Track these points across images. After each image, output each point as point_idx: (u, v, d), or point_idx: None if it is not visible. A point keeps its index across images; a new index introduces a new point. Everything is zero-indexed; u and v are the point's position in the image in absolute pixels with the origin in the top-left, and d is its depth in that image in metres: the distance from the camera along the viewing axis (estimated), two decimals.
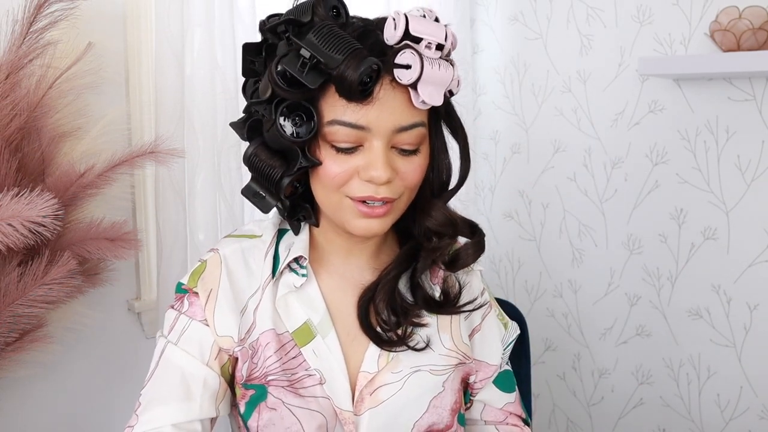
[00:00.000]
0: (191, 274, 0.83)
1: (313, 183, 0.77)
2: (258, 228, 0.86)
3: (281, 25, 0.71)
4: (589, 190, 1.74)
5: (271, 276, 0.81)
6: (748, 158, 1.47)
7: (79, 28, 1.06)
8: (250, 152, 0.76)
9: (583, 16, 1.71)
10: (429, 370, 0.83)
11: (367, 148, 0.73)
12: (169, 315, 0.83)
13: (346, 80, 0.68)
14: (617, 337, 1.73)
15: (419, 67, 0.70)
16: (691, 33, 1.53)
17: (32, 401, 1.21)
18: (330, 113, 0.72)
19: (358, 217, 0.75)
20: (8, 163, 0.98)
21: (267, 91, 0.72)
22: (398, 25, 0.71)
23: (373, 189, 0.73)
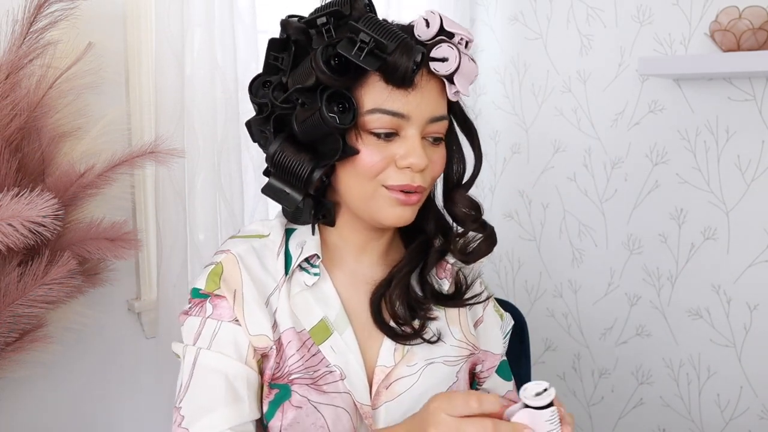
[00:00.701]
0: (208, 278, 0.81)
1: (345, 174, 0.77)
2: (264, 228, 0.86)
3: (322, 17, 0.73)
4: (589, 190, 1.74)
5: (284, 275, 0.81)
6: (748, 158, 1.47)
7: (79, 28, 1.06)
8: (275, 149, 0.76)
9: (583, 16, 1.71)
10: (443, 361, 0.86)
11: (402, 136, 0.76)
12: (191, 323, 0.80)
13: (399, 66, 0.72)
14: (617, 337, 1.73)
15: (457, 60, 0.74)
16: (691, 33, 1.53)
17: (32, 401, 1.21)
18: (370, 102, 0.74)
19: (393, 206, 0.77)
20: (8, 163, 0.98)
21: (309, 79, 0.73)
22: (432, 22, 0.75)
23: (410, 177, 0.76)
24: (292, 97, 0.75)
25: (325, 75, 0.72)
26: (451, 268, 0.90)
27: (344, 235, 0.84)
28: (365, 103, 0.74)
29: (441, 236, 0.89)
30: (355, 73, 0.74)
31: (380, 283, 0.85)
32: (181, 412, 0.76)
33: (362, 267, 0.86)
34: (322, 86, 0.73)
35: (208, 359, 0.77)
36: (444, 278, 0.90)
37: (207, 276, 0.81)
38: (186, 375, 0.77)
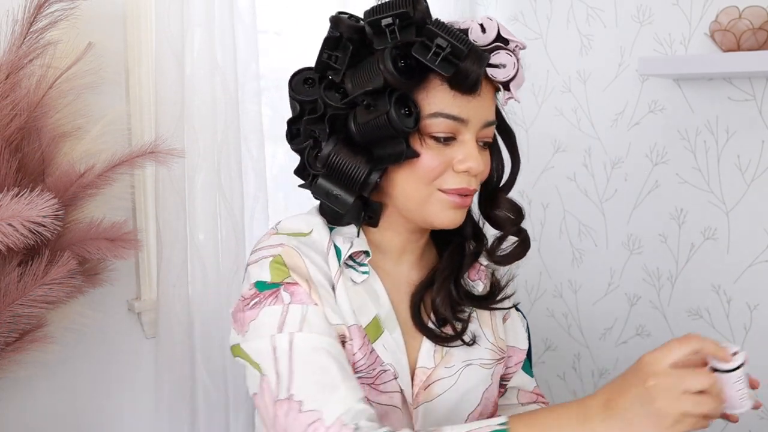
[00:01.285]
0: (273, 269, 0.76)
1: (400, 177, 0.77)
2: (304, 225, 0.83)
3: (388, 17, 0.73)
4: (589, 190, 1.74)
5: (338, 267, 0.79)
6: (748, 158, 1.47)
7: (79, 28, 1.06)
8: (329, 150, 0.75)
9: (583, 16, 1.71)
10: (479, 364, 0.87)
11: (460, 141, 0.77)
12: (269, 313, 0.74)
13: (471, 73, 0.73)
14: (617, 337, 1.72)
15: (516, 67, 0.75)
16: (691, 33, 1.53)
17: (32, 401, 1.21)
18: (433, 106, 0.75)
19: (449, 209, 0.78)
20: (8, 163, 0.98)
21: (375, 81, 0.72)
22: (489, 28, 0.76)
23: (467, 180, 0.77)
24: (357, 99, 0.74)
25: (394, 77, 0.72)
26: (485, 270, 0.92)
27: (386, 236, 0.84)
28: (427, 106, 0.75)
29: (473, 239, 0.90)
30: (418, 77, 0.74)
31: (420, 284, 0.86)
32: (295, 399, 0.69)
33: (401, 268, 0.86)
34: (390, 88, 0.73)
35: (306, 341, 0.72)
36: (477, 280, 0.91)
37: (268, 267, 0.76)
38: (284, 363, 0.71)
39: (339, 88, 0.76)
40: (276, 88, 1.49)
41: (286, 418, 0.68)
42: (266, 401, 0.71)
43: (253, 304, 0.75)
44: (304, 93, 0.79)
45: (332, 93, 0.76)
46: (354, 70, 0.76)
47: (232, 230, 1.32)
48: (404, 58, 0.73)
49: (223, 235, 1.33)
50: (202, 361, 1.32)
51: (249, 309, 0.75)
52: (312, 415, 0.67)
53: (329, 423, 0.66)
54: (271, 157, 1.49)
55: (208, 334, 1.32)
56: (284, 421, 0.68)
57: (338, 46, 0.77)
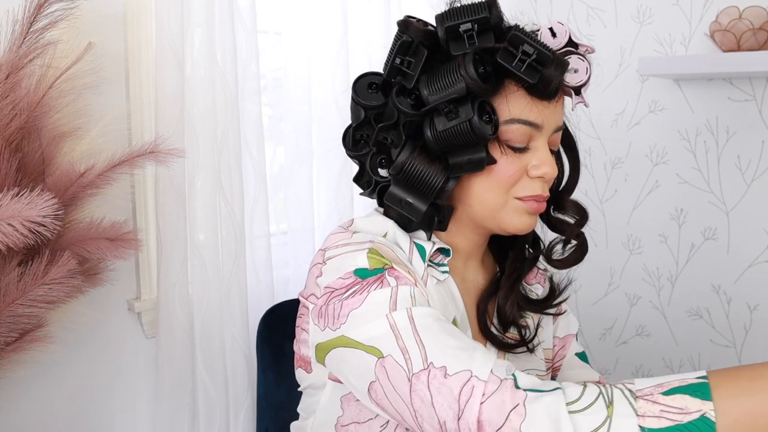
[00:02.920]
0: (371, 259, 0.72)
1: (476, 184, 0.77)
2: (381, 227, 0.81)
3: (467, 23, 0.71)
4: (589, 190, 1.74)
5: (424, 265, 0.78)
6: (748, 158, 1.47)
7: (79, 28, 1.06)
8: (404, 159, 0.74)
9: (583, 16, 1.71)
10: (536, 374, 0.86)
11: (533, 147, 0.76)
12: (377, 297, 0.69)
13: (552, 80, 0.72)
14: (617, 337, 1.72)
15: (588, 73, 0.75)
16: (691, 33, 1.53)
17: (32, 401, 1.21)
18: (510, 112, 0.74)
19: (523, 215, 0.78)
20: (8, 163, 0.98)
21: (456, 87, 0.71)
22: (560, 33, 0.76)
23: (541, 187, 0.77)
24: (439, 107, 0.72)
25: (476, 84, 0.71)
26: (543, 274, 0.93)
27: (455, 240, 0.84)
28: (504, 112, 0.74)
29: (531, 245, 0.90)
30: (495, 84, 0.73)
31: (487, 289, 0.85)
32: (437, 365, 0.64)
33: (469, 272, 0.86)
34: (473, 95, 0.72)
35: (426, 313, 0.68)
36: (536, 283, 0.92)
37: (365, 256, 0.73)
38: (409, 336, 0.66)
39: (410, 94, 0.75)
40: (276, 87, 1.49)
41: (431, 388, 0.63)
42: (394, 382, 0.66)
43: (353, 291, 0.71)
44: (369, 98, 0.77)
45: (404, 99, 0.75)
46: (429, 75, 0.74)
47: (232, 230, 1.32)
48: (483, 64, 0.72)
49: (223, 235, 1.32)
50: (202, 361, 1.31)
51: (347, 298, 0.71)
52: (463, 375, 0.62)
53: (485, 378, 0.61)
54: (271, 157, 1.49)
55: (208, 334, 1.32)
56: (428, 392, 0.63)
57: (409, 50, 0.75)
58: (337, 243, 0.77)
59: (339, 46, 1.49)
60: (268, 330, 1.19)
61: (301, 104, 1.47)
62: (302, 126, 1.47)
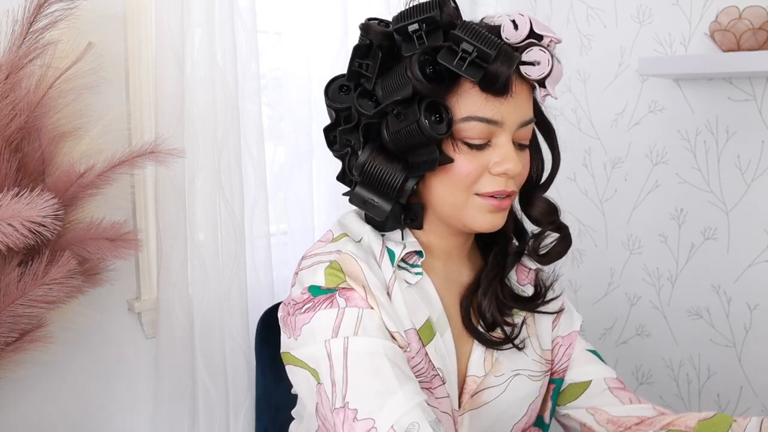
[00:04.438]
0: (326, 274, 0.75)
1: (437, 183, 0.76)
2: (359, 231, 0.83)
3: (414, 23, 0.71)
4: (589, 190, 1.74)
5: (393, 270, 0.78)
6: (748, 158, 1.47)
7: (79, 28, 1.06)
8: (365, 158, 0.74)
9: (583, 16, 1.71)
10: (528, 375, 0.85)
11: (494, 143, 0.75)
12: (323, 317, 0.73)
13: (500, 75, 0.71)
14: (617, 337, 1.72)
15: (550, 64, 0.73)
16: (691, 33, 1.53)
17: (32, 401, 1.21)
18: (465, 110, 0.73)
19: (486, 212, 0.77)
20: (8, 163, 0.98)
21: (404, 89, 0.72)
22: (521, 25, 0.74)
23: (503, 183, 0.75)
24: (387, 108, 0.73)
25: (422, 85, 0.71)
26: (533, 274, 0.91)
27: (432, 239, 0.83)
28: (459, 111, 0.73)
29: (517, 238, 0.88)
30: (448, 81, 0.72)
31: (469, 286, 0.85)
32: (350, 407, 0.67)
33: (452, 269, 0.85)
34: (420, 96, 0.72)
35: (362, 345, 0.71)
36: (527, 284, 0.90)
37: (323, 272, 0.76)
38: (339, 369, 0.70)
39: (372, 96, 0.75)
40: (276, 87, 1.49)
41: (343, 427, 0.67)
42: (325, 410, 0.70)
43: (306, 308, 0.74)
44: (340, 100, 0.78)
45: (365, 101, 0.75)
46: (384, 77, 0.74)
47: (232, 230, 1.32)
48: (433, 64, 0.72)
49: (223, 235, 1.32)
50: (202, 361, 1.31)
51: (301, 313, 0.74)
52: (366, 423, 0.66)
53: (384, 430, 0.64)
54: (271, 157, 1.49)
55: (208, 334, 1.32)
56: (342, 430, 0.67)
57: (369, 53, 0.75)
58: (312, 252, 0.80)
59: (339, 46, 1.49)
60: (267, 330, 1.19)
61: (300, 104, 1.47)
62: (302, 126, 1.47)
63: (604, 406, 0.88)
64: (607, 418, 0.87)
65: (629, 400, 0.88)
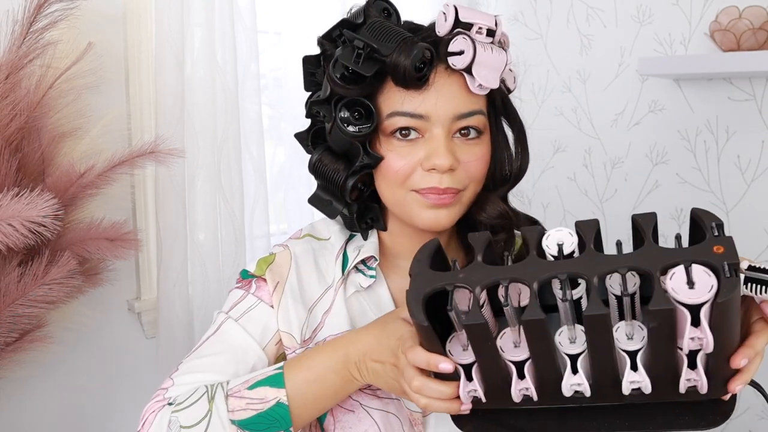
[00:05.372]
0: (258, 263, 0.82)
1: (378, 182, 0.77)
2: (326, 231, 0.86)
3: (335, 29, 0.75)
4: (589, 190, 1.74)
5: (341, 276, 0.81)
6: (748, 158, 1.47)
7: (79, 28, 1.06)
8: (315, 159, 0.78)
9: (583, 16, 1.71)
10: None
11: (427, 138, 0.74)
12: (234, 294, 0.81)
13: (399, 66, 0.71)
14: None
15: (472, 51, 0.72)
16: (691, 33, 1.53)
17: (32, 401, 1.21)
18: (388, 106, 0.74)
19: (425, 209, 0.75)
20: (8, 163, 0.98)
21: (326, 91, 0.75)
22: (448, 15, 0.73)
23: (437, 179, 0.73)
24: (312, 110, 0.76)
25: (337, 85, 0.73)
26: None
27: (396, 240, 0.83)
28: (384, 108, 0.74)
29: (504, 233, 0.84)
30: (372, 82, 0.73)
31: None
32: (179, 366, 0.77)
33: None
34: (337, 97, 0.74)
35: (231, 329, 0.78)
36: None
37: (257, 262, 0.83)
38: (204, 337, 0.78)
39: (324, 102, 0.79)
40: (276, 87, 1.49)
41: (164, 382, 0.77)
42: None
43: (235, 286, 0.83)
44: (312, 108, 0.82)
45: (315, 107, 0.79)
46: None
47: (232, 230, 1.32)
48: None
49: (223, 235, 1.32)
50: None
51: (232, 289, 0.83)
52: (167, 381, 0.76)
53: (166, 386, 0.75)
54: (271, 157, 1.49)
55: None
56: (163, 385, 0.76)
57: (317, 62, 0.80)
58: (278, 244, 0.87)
59: None
60: None
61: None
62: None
63: None
64: None
65: None
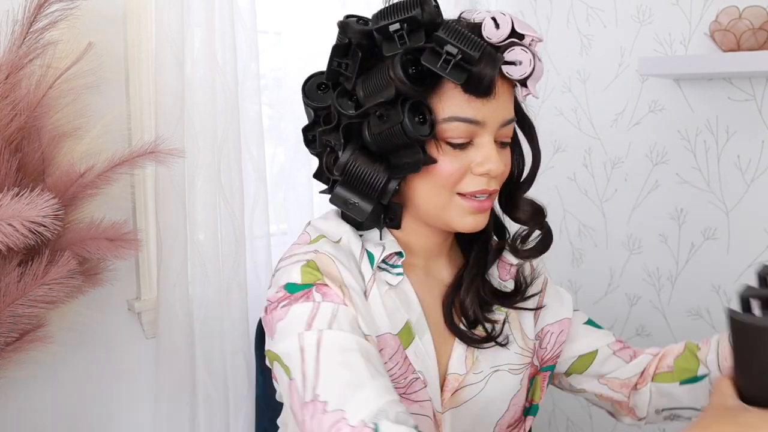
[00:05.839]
0: (302, 271, 0.74)
1: (419, 184, 0.76)
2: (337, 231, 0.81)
3: (396, 23, 0.70)
4: (589, 190, 1.74)
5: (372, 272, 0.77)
6: (748, 158, 1.47)
7: (79, 28, 1.06)
8: (346, 159, 0.73)
9: (583, 16, 1.71)
10: (507, 369, 0.84)
11: (477, 143, 0.74)
12: (298, 310, 0.71)
13: (484, 77, 0.70)
14: None
15: (532, 63, 0.72)
16: (691, 33, 1.53)
17: (32, 401, 1.21)
18: (447, 110, 0.73)
19: (469, 214, 0.76)
20: (8, 163, 0.98)
21: (387, 90, 0.71)
22: (503, 24, 0.73)
23: (485, 182, 0.75)
24: (370, 110, 0.72)
25: (406, 86, 0.70)
26: (514, 269, 0.89)
27: (411, 239, 0.82)
28: (441, 111, 0.73)
29: (497, 234, 0.88)
30: (430, 82, 0.72)
31: (451, 286, 0.84)
32: (320, 399, 0.64)
33: (432, 269, 0.84)
34: (403, 97, 0.71)
35: (335, 338, 0.69)
36: (509, 279, 0.88)
37: (299, 270, 0.74)
38: (310, 362, 0.67)
39: (352, 96, 0.74)
40: (276, 87, 1.49)
41: (312, 421, 0.64)
42: (295, 406, 0.67)
43: (282, 305, 0.73)
44: (318, 99, 0.77)
45: (345, 101, 0.74)
46: (365, 77, 0.73)
47: (232, 230, 1.32)
48: (415, 64, 0.71)
49: (223, 235, 1.33)
50: (202, 361, 1.31)
51: (277, 310, 0.73)
52: (336, 415, 0.63)
53: (354, 423, 0.61)
54: (271, 157, 1.49)
55: (208, 334, 1.32)
56: (310, 424, 0.64)
57: (348, 52, 0.74)
58: (289, 253, 0.79)
59: None
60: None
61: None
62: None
63: (613, 373, 0.93)
64: (619, 383, 0.92)
65: (629, 357, 0.94)
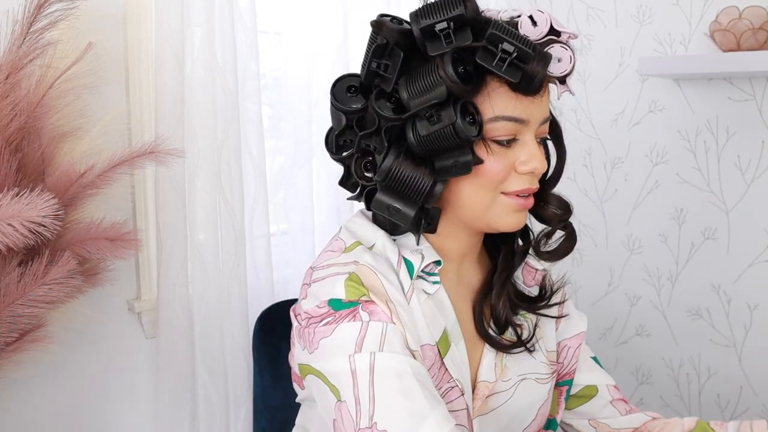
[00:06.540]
0: (348, 288, 0.71)
1: (463, 184, 0.74)
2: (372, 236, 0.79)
3: (443, 22, 0.68)
4: (589, 190, 1.74)
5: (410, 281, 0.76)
6: (748, 158, 1.47)
7: (79, 28, 1.06)
8: (390, 164, 0.71)
9: (583, 16, 1.71)
10: (534, 378, 0.84)
11: (521, 141, 0.74)
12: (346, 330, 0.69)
13: (536, 76, 0.69)
14: (617, 337, 1.72)
15: (572, 61, 0.72)
16: (691, 33, 1.53)
17: (32, 401, 1.21)
18: (495, 109, 0.72)
19: (513, 212, 0.76)
20: (8, 163, 0.98)
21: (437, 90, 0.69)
22: (541, 21, 0.73)
23: (529, 181, 0.75)
24: (421, 111, 0.69)
25: (457, 86, 0.68)
26: (540, 275, 0.89)
27: (446, 243, 0.81)
28: (487, 110, 0.71)
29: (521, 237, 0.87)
30: (477, 81, 0.70)
31: (480, 289, 0.83)
32: (379, 428, 0.63)
33: (463, 272, 0.84)
34: (454, 97, 0.69)
35: (388, 361, 0.67)
36: (533, 285, 0.88)
37: (343, 285, 0.72)
38: (364, 386, 0.66)
39: (390, 98, 0.72)
40: (276, 87, 1.49)
41: None
42: (347, 429, 0.66)
43: (326, 322, 0.71)
44: (349, 102, 0.75)
45: (384, 103, 0.72)
46: (408, 78, 0.70)
47: (232, 230, 1.32)
48: (463, 63, 0.69)
49: (223, 235, 1.33)
50: (202, 361, 1.31)
51: (320, 326, 0.71)
52: None
53: None
54: (271, 157, 1.49)
55: (208, 334, 1.32)
56: None
57: (385, 53, 0.71)
58: (324, 263, 0.76)
59: (339, 46, 1.49)
60: (265, 331, 1.19)
61: (300, 104, 1.47)
62: (302, 126, 1.47)
63: (605, 419, 0.91)
64: (607, 430, 0.91)
65: (626, 411, 0.91)
